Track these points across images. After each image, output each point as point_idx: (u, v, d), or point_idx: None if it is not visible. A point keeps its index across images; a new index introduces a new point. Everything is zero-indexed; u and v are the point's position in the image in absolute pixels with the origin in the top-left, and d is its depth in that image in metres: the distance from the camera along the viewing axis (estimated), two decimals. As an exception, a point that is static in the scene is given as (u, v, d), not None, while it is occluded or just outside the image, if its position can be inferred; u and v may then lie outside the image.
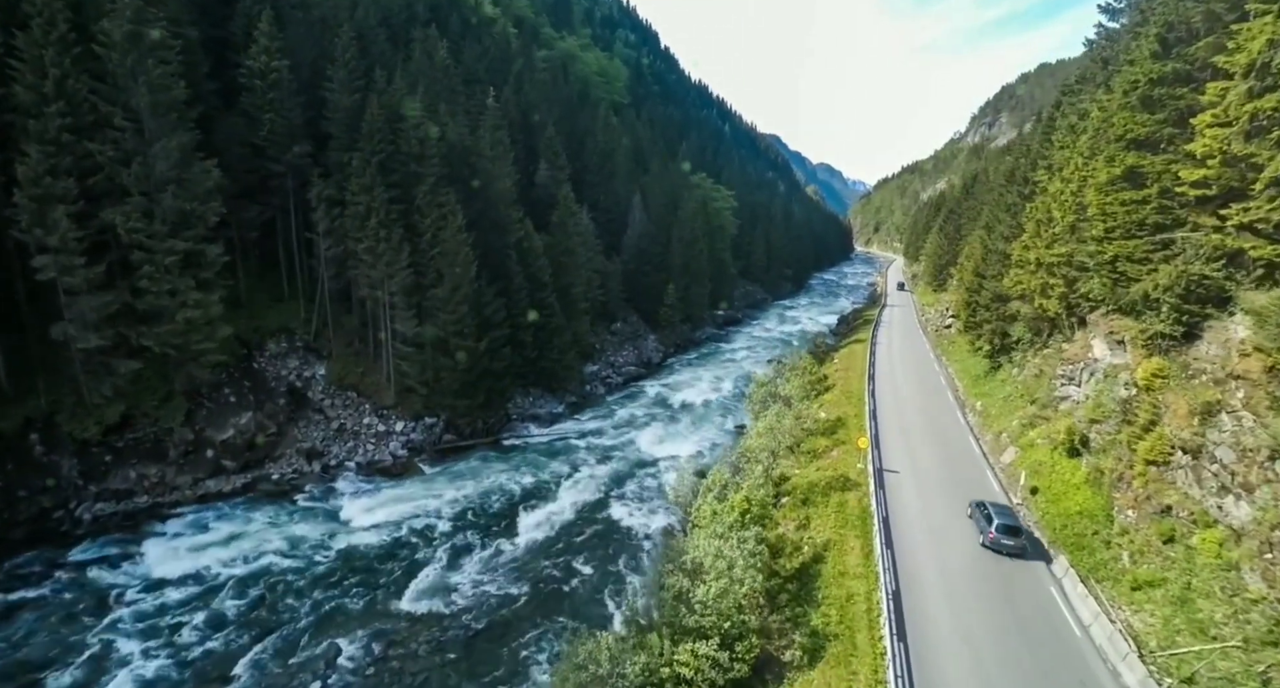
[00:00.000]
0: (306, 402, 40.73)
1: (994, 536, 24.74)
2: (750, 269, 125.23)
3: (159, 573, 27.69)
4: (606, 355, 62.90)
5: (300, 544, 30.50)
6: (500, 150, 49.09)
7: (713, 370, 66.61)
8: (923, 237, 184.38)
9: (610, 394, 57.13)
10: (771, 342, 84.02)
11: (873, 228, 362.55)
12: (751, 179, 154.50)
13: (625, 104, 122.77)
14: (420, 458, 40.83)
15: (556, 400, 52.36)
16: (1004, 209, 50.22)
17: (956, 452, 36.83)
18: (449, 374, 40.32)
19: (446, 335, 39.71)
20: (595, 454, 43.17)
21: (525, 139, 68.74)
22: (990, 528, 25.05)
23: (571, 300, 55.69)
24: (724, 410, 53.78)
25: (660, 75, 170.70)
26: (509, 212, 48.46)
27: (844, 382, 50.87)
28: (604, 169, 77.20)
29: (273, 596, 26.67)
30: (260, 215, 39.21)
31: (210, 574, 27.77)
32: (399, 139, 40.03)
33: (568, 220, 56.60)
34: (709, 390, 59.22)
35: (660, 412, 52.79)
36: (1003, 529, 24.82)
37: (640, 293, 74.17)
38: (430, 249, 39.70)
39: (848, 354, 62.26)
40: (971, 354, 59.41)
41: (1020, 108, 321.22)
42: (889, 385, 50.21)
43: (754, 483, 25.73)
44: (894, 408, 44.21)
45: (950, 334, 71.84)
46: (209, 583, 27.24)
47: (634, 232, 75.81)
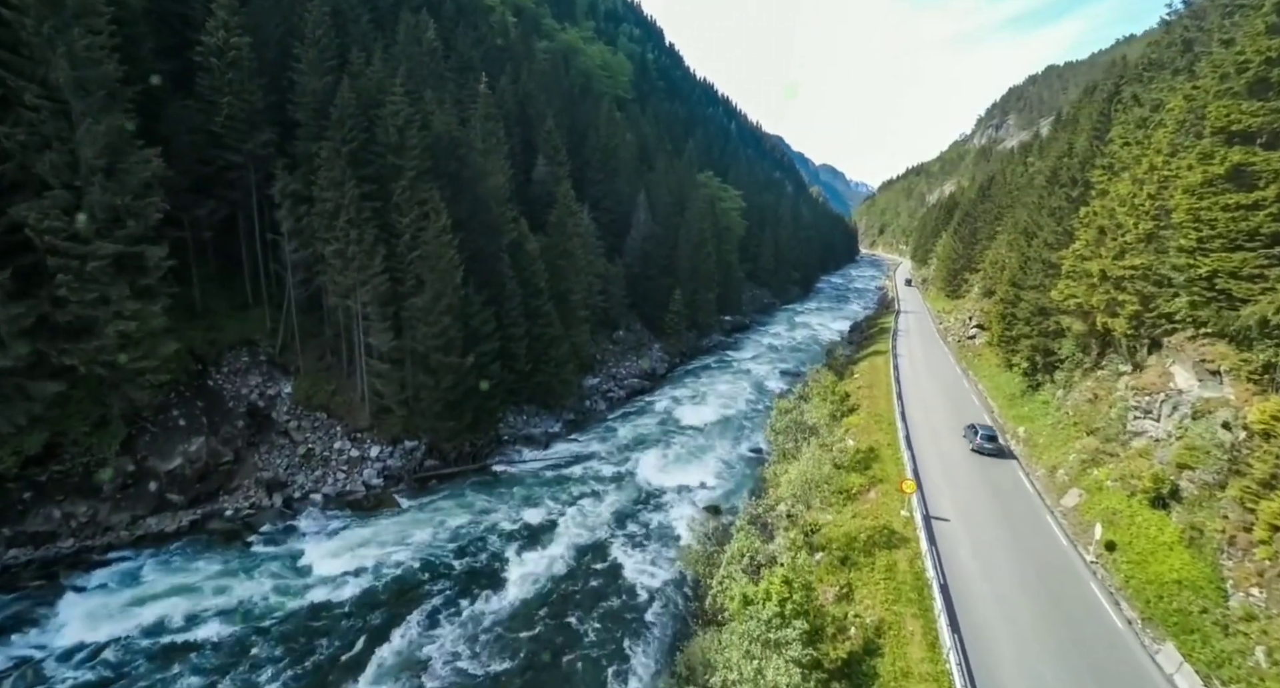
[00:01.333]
0: (269, 424, 36.09)
1: (979, 443, 35.96)
2: (757, 272, 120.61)
3: (70, 640, 23.09)
4: (608, 367, 58.28)
5: (248, 602, 25.85)
6: (493, 143, 44.45)
7: (722, 383, 61.98)
8: (931, 239, 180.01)
9: (612, 410, 52.50)
10: (782, 350, 79.41)
11: (878, 230, 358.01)
12: (759, 179, 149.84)
13: (629, 100, 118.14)
14: (398, 488, 36.20)
15: (553, 418, 47.74)
16: (1047, 213, 45.54)
17: (1007, 490, 32.18)
18: (430, 394, 35.68)
19: (427, 350, 35.08)
20: (595, 484, 38.53)
21: (522, 132, 64.09)
22: (976, 438, 36.34)
23: (570, 308, 51.08)
24: (736, 430, 49.15)
25: (665, 71, 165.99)
26: (502, 210, 43.84)
27: (869, 401, 46.23)
28: (606, 166, 72.57)
29: (202, 676, 22.02)
30: (215, 213, 34.49)
31: (131, 645, 23.14)
32: (375, 127, 35.38)
33: (567, 220, 51.99)
34: (719, 406, 54.58)
35: (666, 431, 48.14)
36: (986, 438, 36.28)
37: (644, 298, 69.53)
38: (409, 252, 35.04)
39: (869, 368, 57.64)
40: (1003, 370, 54.88)
41: (1029, 109, 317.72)
42: (919, 406, 45.59)
43: (790, 554, 21.05)
44: (928, 434, 39.60)
45: (975, 346, 67.30)
46: (127, 656, 22.62)
47: (638, 233, 71.19)
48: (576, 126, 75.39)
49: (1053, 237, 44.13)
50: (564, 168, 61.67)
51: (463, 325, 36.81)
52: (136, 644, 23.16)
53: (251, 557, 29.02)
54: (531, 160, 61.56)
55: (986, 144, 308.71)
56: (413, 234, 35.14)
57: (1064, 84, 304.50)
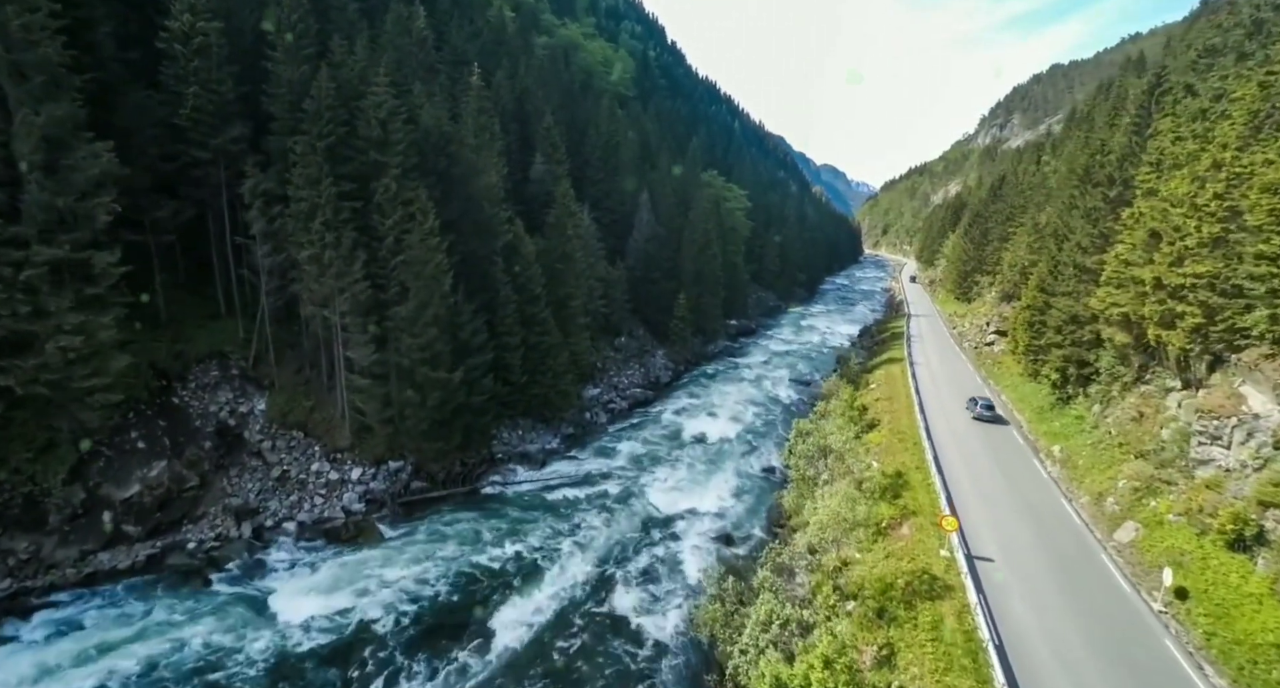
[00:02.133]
0: (240, 444, 33.05)
1: (979, 411, 42.55)
2: (762, 274, 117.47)
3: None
4: (609, 376, 55.22)
5: (204, 656, 22.83)
6: (486, 138, 41.41)
7: (729, 392, 58.91)
8: (938, 240, 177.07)
9: (614, 423, 49.42)
10: (790, 356, 76.32)
11: (881, 230, 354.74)
12: (763, 178, 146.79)
13: (631, 97, 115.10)
14: (380, 515, 33.14)
15: (550, 433, 44.70)
16: (1081, 215, 42.43)
17: (1051, 522, 29.09)
18: (415, 412, 32.64)
19: (412, 364, 32.03)
20: (595, 509, 35.46)
21: (519, 129, 61.08)
22: (976, 407, 43.02)
23: (569, 314, 48.03)
24: (746, 445, 46.09)
25: (667, 69, 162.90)
26: (495, 211, 40.81)
27: (890, 416, 43.15)
28: (607, 164, 69.51)
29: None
30: (180, 214, 31.40)
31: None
32: (356, 120, 32.34)
33: (566, 221, 48.95)
34: (727, 418, 51.52)
35: (672, 447, 45.06)
36: (985, 406, 43.06)
37: (647, 303, 66.46)
38: (392, 257, 31.99)
39: (885, 378, 54.56)
40: (1027, 380, 51.84)
41: (1033, 109, 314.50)
42: (943, 421, 42.51)
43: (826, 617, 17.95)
44: (957, 454, 36.54)
45: (993, 353, 64.23)
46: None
47: (640, 234, 68.14)
48: (576, 123, 72.36)
49: (1087, 240, 41.03)
50: (563, 166, 58.67)
51: (451, 336, 33.77)
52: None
53: (213, 598, 25.98)
54: (529, 158, 58.56)
55: (991, 144, 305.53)
56: (396, 237, 32.10)
57: (1069, 83, 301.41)
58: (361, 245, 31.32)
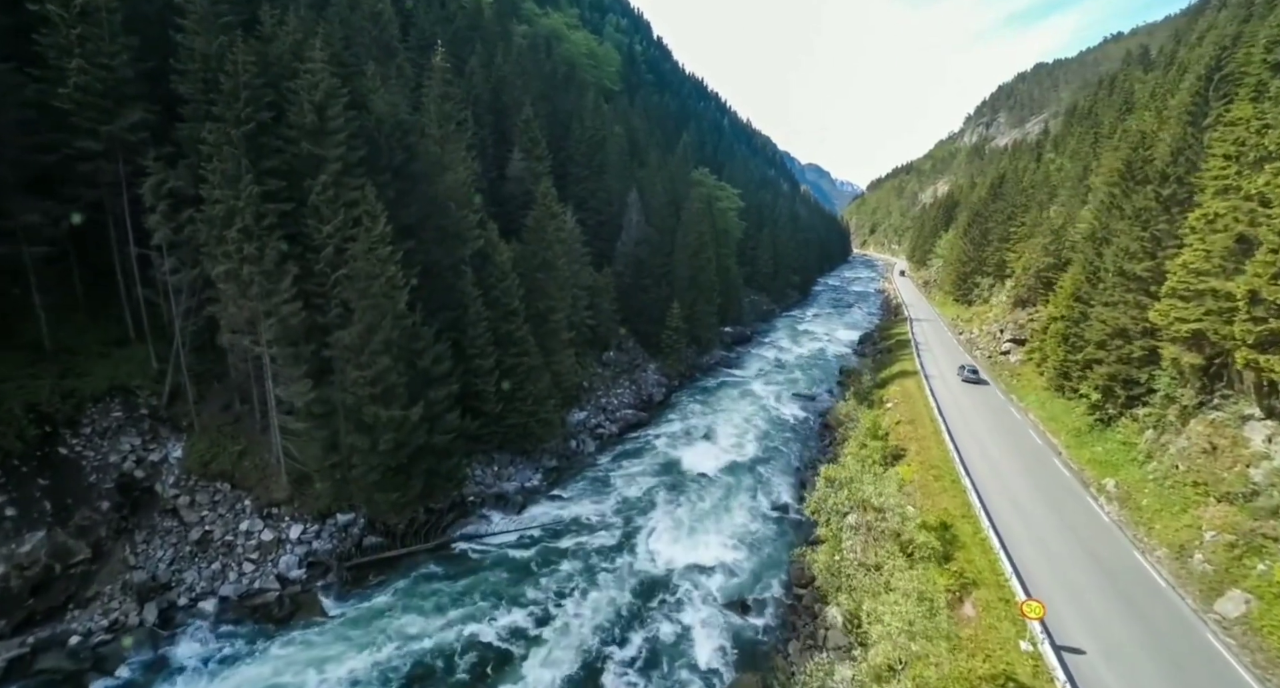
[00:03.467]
0: (151, 501, 27.08)
1: (967, 374, 52.28)
2: (755, 276, 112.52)
3: None
4: (596, 396, 49.69)
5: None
6: (453, 129, 35.68)
7: (728, 411, 53.69)
8: (930, 240, 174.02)
9: (603, 452, 43.91)
10: (790, 367, 71.26)
11: (869, 229, 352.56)
12: (754, 177, 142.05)
13: (617, 92, 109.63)
14: (325, 582, 27.36)
15: (531, 467, 39.13)
16: (1128, 217, 37.72)
17: (1131, 586, 24.17)
18: (365, 458, 26.92)
19: (359, 402, 26.30)
20: (583, 567, 29.96)
21: (495, 122, 55.37)
22: (964, 372, 52.87)
23: (551, 329, 42.46)
24: (753, 477, 40.84)
25: (654, 64, 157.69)
26: (464, 214, 35.14)
27: (917, 443, 38.16)
28: (593, 161, 63.94)
29: None
30: (61, 220, 25.29)
31: None
32: (286, 104, 26.52)
33: (547, 224, 43.36)
34: (728, 443, 46.26)
35: (669, 482, 39.68)
36: (971, 371, 52.73)
37: (637, 312, 61.02)
38: (331, 271, 26.23)
39: (901, 395, 49.64)
40: (1053, 395, 47.30)
41: (1019, 107, 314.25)
42: (975, 448, 37.68)
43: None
44: (1001, 494, 31.62)
45: (1010, 363, 59.71)
46: None
47: (629, 237, 62.69)
48: (558, 117, 66.74)
49: (1135, 244, 36.34)
50: (544, 163, 53.07)
51: (408, 365, 28.06)
52: None
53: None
54: (505, 154, 52.90)
55: (978, 142, 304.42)
56: (337, 247, 26.31)
57: (1054, 82, 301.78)
58: (292, 257, 25.50)
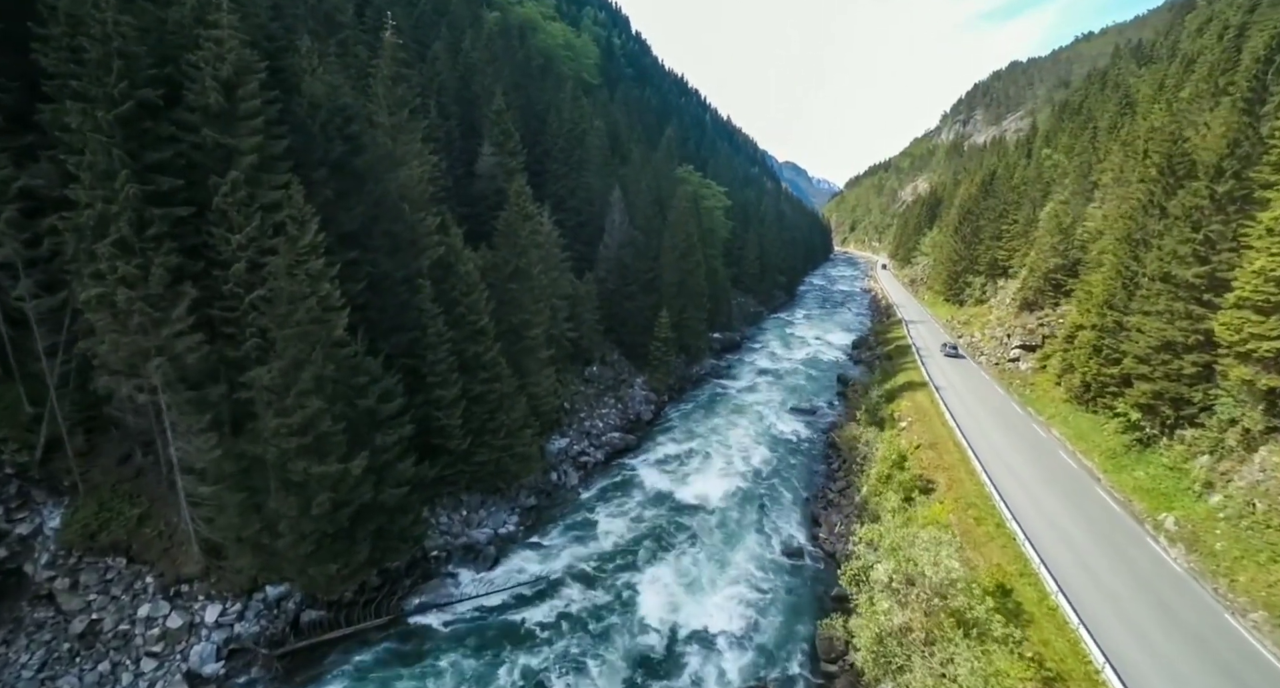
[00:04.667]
0: (19, 587, 21.39)
1: (947, 351, 64.22)
2: (741, 277, 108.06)
3: None
4: (580, 418, 44.56)
5: None
6: (407, 117, 30.21)
7: (724, 429, 49.00)
8: (914, 237, 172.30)
9: (587, 484, 38.84)
10: (784, 376, 66.82)
11: (849, 227, 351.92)
12: (739, 174, 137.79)
13: (596, 86, 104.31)
14: (249, 678, 21.99)
15: (507, 507, 33.93)
16: (1179, 217, 33.70)
17: (1239, 666, 19.94)
18: (294, 526, 21.53)
19: (283, 456, 20.91)
20: (567, 640, 24.91)
21: (463, 113, 49.87)
22: (946, 348, 64.89)
23: (526, 347, 37.26)
24: (756, 512, 36.16)
25: (634, 57, 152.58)
26: (421, 216, 29.78)
27: (945, 473, 33.79)
28: (572, 157, 58.69)
29: None
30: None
31: None
32: (182, 78, 20.99)
33: (520, 227, 38.12)
34: (725, 469, 41.57)
35: (664, 520, 34.81)
36: (951, 347, 64.93)
37: (623, 322, 55.99)
38: (245, 293, 20.79)
39: (913, 411, 45.38)
40: (1076, 410, 43.63)
41: (995, 105, 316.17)
42: (1012, 482, 33.46)
43: None
44: (1055, 540, 27.39)
45: (1020, 372, 56.00)
46: None
47: (613, 239, 57.59)
48: (534, 109, 61.34)
49: (1186, 247, 32.35)
50: (518, 158, 47.73)
51: (348, 406, 22.72)
52: None
53: None
54: (474, 148, 47.46)
55: (956, 140, 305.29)
56: (252, 261, 20.87)
57: (1029, 80, 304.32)
58: (191, 277, 20.01)
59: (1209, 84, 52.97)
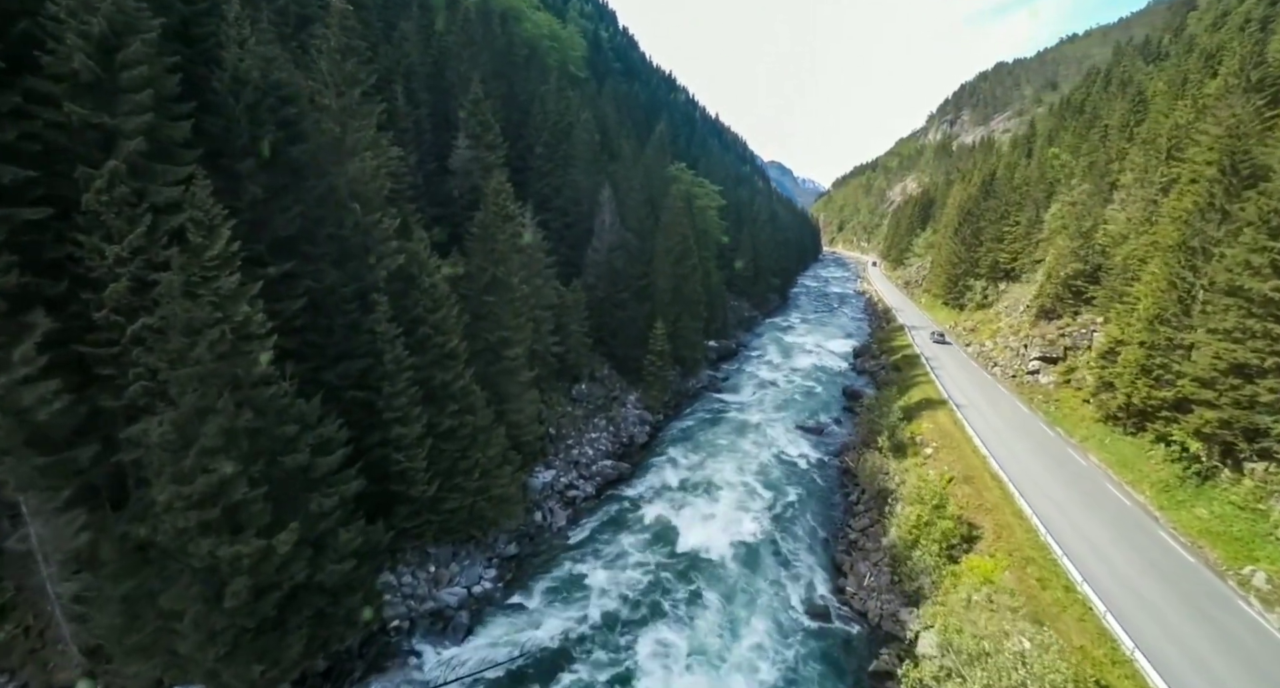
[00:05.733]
0: None
1: (936, 337, 71.50)
2: (735, 280, 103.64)
3: None
4: (567, 445, 39.67)
5: None
6: (359, 99, 25.09)
7: (726, 453, 44.43)
8: (906, 238, 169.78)
9: (576, 525, 33.99)
10: (786, 389, 62.40)
11: (837, 227, 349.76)
12: (731, 173, 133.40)
13: (583, 79, 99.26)
14: None
15: (484, 558, 28.98)
16: (1254, 223, 29.62)
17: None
18: (201, 620, 16.47)
19: (184, 536, 15.85)
20: (555, 748, 20.15)
21: (436, 101, 44.75)
22: (934, 336, 71.77)
23: (506, 370, 32.34)
24: (774, 557, 31.62)
25: (622, 52, 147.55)
26: (376, 218, 24.71)
27: (991, 520, 29.40)
28: (557, 152, 53.70)
29: None
30: None
31: None
32: (42, 35, 15.85)
33: (498, 230, 33.15)
34: (735, 504, 36.97)
35: (665, 571, 30.09)
36: (938, 334, 72.53)
37: (614, 333, 51.19)
38: (126, 323, 15.68)
39: (937, 435, 41.14)
40: (1111, 431, 39.97)
41: (982, 105, 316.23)
42: (1065, 524, 29.22)
43: None
44: (1135, 606, 23.03)
45: (1041, 386, 52.18)
46: None
47: (602, 242, 52.71)
48: (516, 100, 56.29)
49: (1263, 258, 28.29)
50: (497, 152, 42.68)
51: (271, 463, 17.68)
52: None
53: None
54: (449, 142, 42.36)
55: (943, 140, 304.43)
56: (135, 278, 15.77)
57: (1015, 80, 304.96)
58: (45, 302, 14.89)
59: (1239, 79, 49.42)
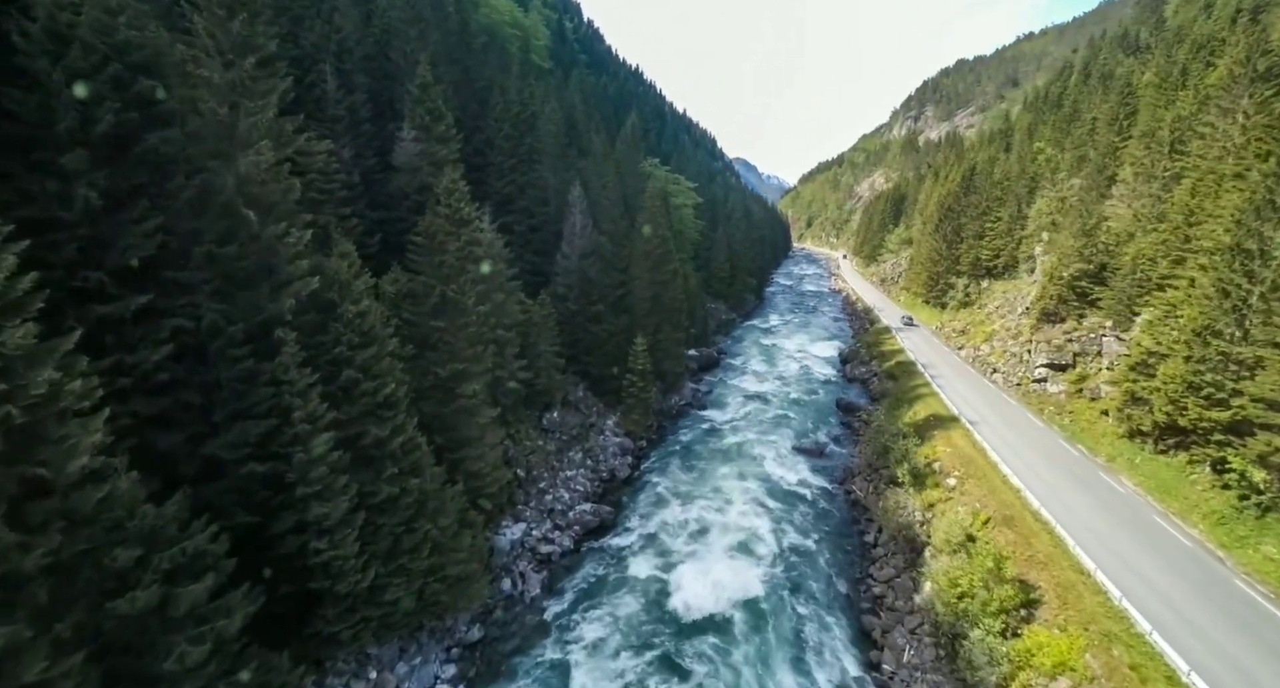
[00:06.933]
0: None
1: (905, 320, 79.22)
2: (711, 282, 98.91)
3: None
4: (539, 490, 33.95)
5: None
6: (252, 69, 18.92)
7: (720, 484, 39.38)
8: (879, 234, 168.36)
9: (552, 590, 28.33)
10: (774, 401, 57.68)
11: (805, 223, 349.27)
12: (704, 169, 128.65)
13: (547, 70, 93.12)
14: None
15: (440, 650, 23.24)
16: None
17: None
18: None
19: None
20: None
21: (376, 86, 38.42)
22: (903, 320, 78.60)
23: (462, 410, 26.52)
24: (790, 619, 26.57)
25: (587, 43, 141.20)
26: (280, 229, 18.66)
27: (1048, 577, 24.85)
28: (521, 146, 47.73)
29: None
30: None
31: None
32: None
33: (448, 237, 27.26)
34: (733, 548, 31.92)
35: (662, 646, 24.75)
36: (906, 320, 78.92)
37: (587, 348, 45.58)
38: None
39: (959, 462, 36.76)
40: (1141, 451, 36.49)
41: (945, 101, 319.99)
42: (1132, 578, 24.86)
43: None
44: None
45: (1050, 395, 48.62)
46: None
47: (573, 247, 47.01)
48: (473, 87, 50.13)
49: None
50: (450, 146, 36.66)
51: (93, 607, 11.70)
52: None
53: None
54: (391, 134, 36.15)
55: (908, 135, 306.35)
56: None
57: (977, 77, 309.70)
58: None
59: (1245, 68, 46.72)
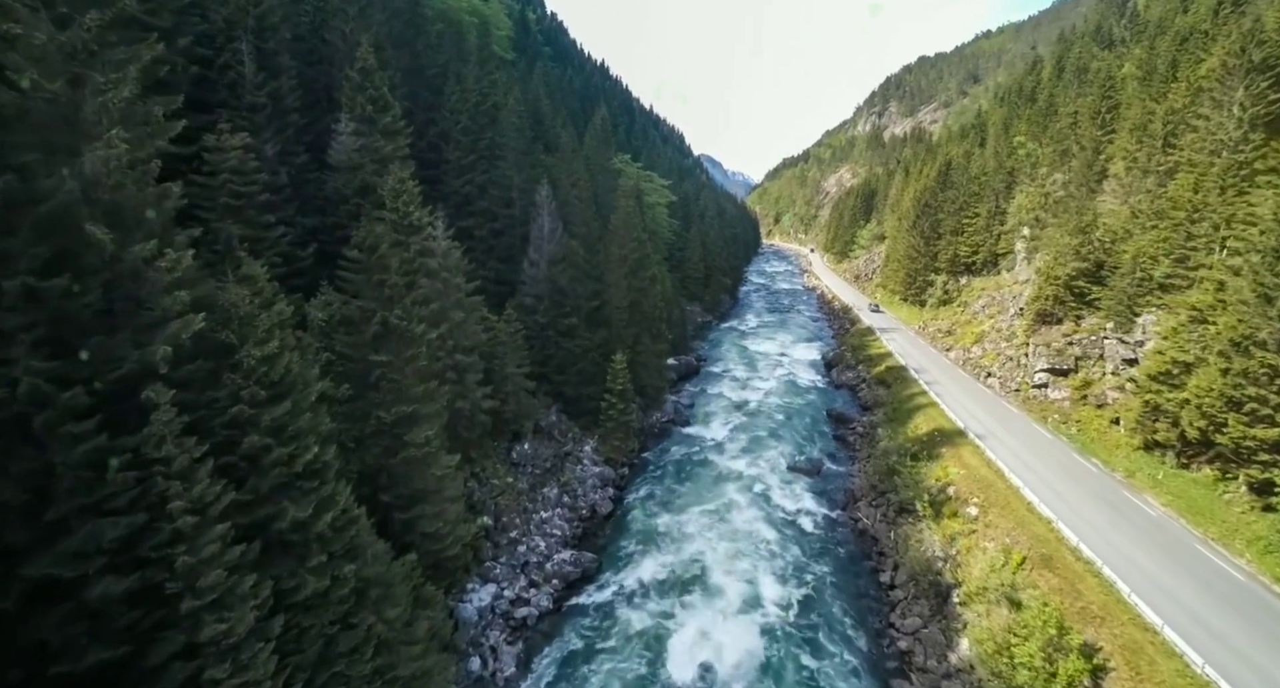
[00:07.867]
0: None
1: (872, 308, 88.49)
2: (686, 283, 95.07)
3: None
4: (509, 539, 29.30)
5: None
6: (98, 31, 14.00)
7: (711, 514, 35.42)
8: (850, 230, 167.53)
9: (530, 669, 23.80)
10: (762, 413, 54.00)
11: (773, 219, 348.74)
12: (675, 166, 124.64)
13: (510, 61, 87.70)
14: None
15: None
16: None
17: None
18: None
19: None
20: None
21: (309, 72, 33.13)
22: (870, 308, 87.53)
23: (412, 459, 21.79)
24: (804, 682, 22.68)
25: (551, 35, 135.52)
26: (146, 250, 13.73)
27: (1109, 634, 21.44)
28: (481, 142, 42.75)
29: None
30: None
31: None
32: None
33: (391, 249, 22.46)
34: (734, 597, 27.97)
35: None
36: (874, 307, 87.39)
37: (559, 367, 40.94)
38: None
39: (971, 484, 33.46)
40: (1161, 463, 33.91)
41: (909, 97, 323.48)
42: (1200, 632, 21.66)
43: None
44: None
45: (1052, 402, 46.17)
46: None
47: (541, 253, 42.26)
48: (424, 75, 44.85)
49: None
50: (397, 140, 31.64)
51: None
52: None
53: None
54: (327, 127, 30.96)
55: (873, 131, 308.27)
56: None
57: (939, 73, 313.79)
58: None
59: (1240, 59, 44.79)
